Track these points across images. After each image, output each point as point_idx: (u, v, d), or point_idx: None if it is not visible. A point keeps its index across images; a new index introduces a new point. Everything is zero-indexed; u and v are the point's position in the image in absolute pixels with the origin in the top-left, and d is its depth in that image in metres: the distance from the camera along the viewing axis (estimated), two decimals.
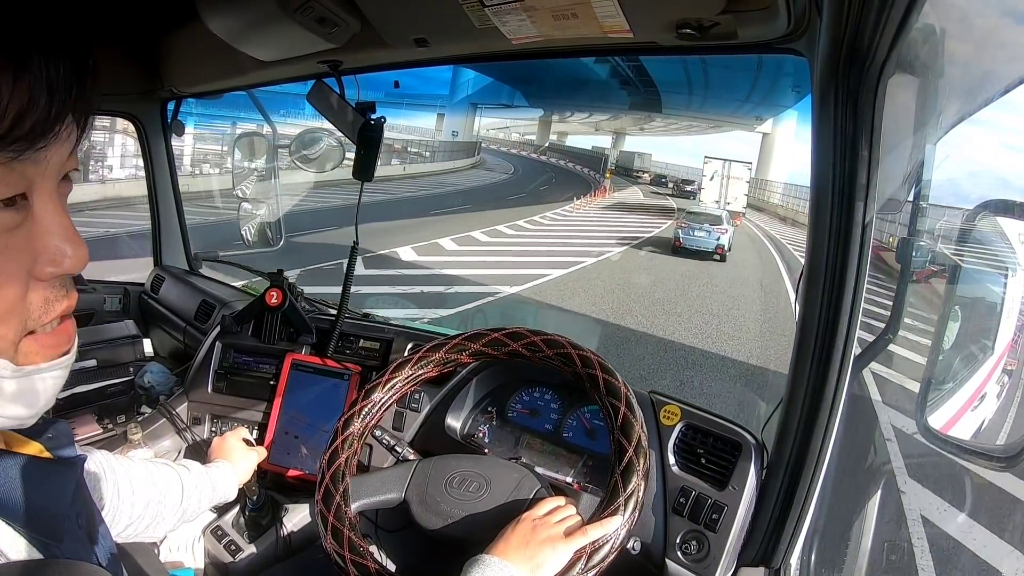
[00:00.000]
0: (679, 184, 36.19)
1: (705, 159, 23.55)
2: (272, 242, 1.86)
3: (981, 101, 0.75)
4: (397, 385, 0.95)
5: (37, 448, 0.44)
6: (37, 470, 0.41)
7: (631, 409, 0.82)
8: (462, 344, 0.94)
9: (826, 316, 0.75)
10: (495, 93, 41.43)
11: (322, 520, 0.83)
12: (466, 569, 0.70)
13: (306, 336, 1.35)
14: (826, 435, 0.78)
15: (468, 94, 41.55)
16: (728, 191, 21.95)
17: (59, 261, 0.36)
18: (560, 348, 0.89)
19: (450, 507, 0.84)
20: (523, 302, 7.46)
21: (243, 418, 1.34)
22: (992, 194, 3.86)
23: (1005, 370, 1.15)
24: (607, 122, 48.92)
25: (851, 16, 0.59)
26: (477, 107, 42.09)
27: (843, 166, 0.69)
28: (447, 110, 40.67)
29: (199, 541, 1.19)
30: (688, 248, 12.79)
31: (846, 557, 1.32)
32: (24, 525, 0.38)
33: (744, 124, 41.01)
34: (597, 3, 0.72)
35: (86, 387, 1.43)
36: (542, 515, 0.77)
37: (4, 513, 0.38)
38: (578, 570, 0.72)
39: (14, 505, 0.38)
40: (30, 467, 0.40)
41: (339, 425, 0.91)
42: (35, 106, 0.32)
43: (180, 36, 1.36)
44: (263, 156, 1.85)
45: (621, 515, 0.76)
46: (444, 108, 40.54)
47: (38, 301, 0.36)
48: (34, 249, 0.35)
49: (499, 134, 62.68)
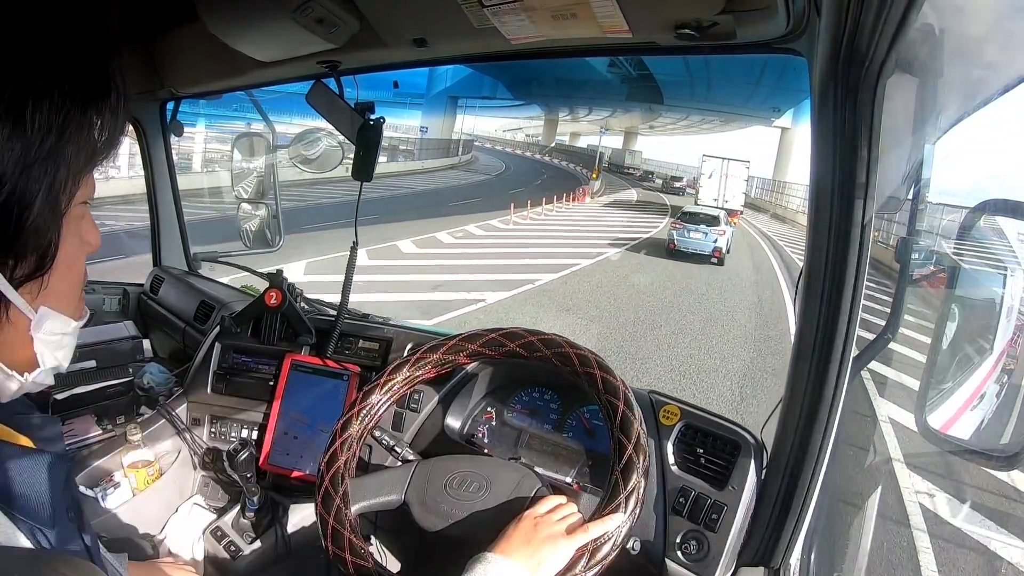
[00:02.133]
0: (667, 181, 37.11)
1: (704, 157, 23.69)
2: (271, 243, 1.85)
3: (980, 101, 0.74)
4: (395, 387, 0.95)
5: (25, 441, 0.46)
6: (30, 459, 0.44)
7: (630, 407, 0.82)
8: (459, 345, 0.94)
9: (825, 315, 0.75)
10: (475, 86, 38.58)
11: (321, 522, 0.83)
12: (469, 567, 0.70)
13: (305, 336, 1.35)
14: (825, 435, 0.78)
15: (446, 86, 37.75)
16: (726, 189, 22.06)
17: (95, 245, 0.50)
18: (558, 348, 0.89)
19: (450, 508, 0.84)
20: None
21: (242, 419, 1.34)
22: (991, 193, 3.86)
23: (1004, 369, 1.15)
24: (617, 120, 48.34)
25: (850, 16, 0.59)
26: (457, 102, 39.02)
27: (842, 165, 0.69)
28: (422, 105, 36.49)
29: (199, 541, 1.19)
30: (683, 251, 12.49)
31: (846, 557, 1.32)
32: (16, 510, 0.41)
33: (760, 118, 38.88)
34: (596, 3, 0.72)
35: (85, 388, 1.43)
36: (543, 513, 0.77)
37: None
38: (580, 568, 0.72)
39: (5, 490, 0.41)
40: (24, 456, 0.44)
41: (338, 427, 0.91)
42: (118, 131, 0.46)
43: (179, 36, 1.35)
44: (263, 156, 1.85)
45: (622, 512, 0.76)
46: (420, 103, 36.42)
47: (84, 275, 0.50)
48: (88, 237, 0.48)
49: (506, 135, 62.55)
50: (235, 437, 1.33)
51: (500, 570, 0.69)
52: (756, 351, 6.50)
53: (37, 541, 0.42)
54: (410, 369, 0.95)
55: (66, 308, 0.47)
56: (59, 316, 0.46)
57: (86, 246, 0.48)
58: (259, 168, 1.85)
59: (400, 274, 8.10)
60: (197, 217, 2.01)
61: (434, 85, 37.16)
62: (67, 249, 0.44)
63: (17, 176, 0.39)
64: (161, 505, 1.26)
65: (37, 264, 0.42)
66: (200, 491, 1.34)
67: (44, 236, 0.42)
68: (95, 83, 0.43)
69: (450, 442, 1.06)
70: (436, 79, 36.42)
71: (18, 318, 0.44)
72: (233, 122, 11.88)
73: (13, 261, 0.41)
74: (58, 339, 0.47)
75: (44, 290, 0.44)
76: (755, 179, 33.24)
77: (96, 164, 0.45)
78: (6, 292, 0.42)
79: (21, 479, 0.43)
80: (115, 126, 0.45)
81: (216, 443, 1.34)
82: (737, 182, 22.35)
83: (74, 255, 0.46)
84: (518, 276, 8.58)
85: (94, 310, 1.81)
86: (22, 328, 0.44)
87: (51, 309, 0.45)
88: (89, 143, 0.43)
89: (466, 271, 8.64)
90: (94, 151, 0.44)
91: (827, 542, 1.06)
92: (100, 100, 0.43)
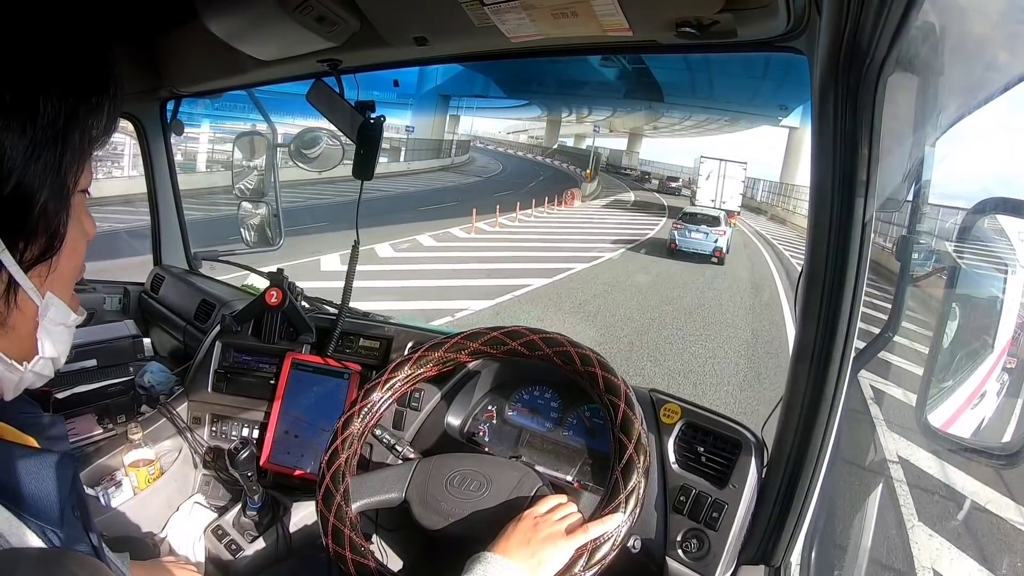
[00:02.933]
0: (664, 181, 37.85)
1: (701, 158, 23.95)
2: (272, 242, 1.85)
3: (981, 99, 0.74)
4: (397, 384, 0.95)
5: (30, 441, 0.47)
6: (38, 459, 0.45)
7: (631, 406, 0.82)
8: (461, 343, 0.94)
9: (826, 314, 0.75)
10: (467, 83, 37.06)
11: (322, 520, 0.83)
12: (468, 566, 0.70)
13: (306, 335, 1.35)
14: (826, 433, 0.78)
15: (436, 84, 36.42)
16: (724, 190, 22.21)
17: (91, 233, 0.51)
18: (559, 347, 0.89)
19: (451, 506, 0.84)
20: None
21: (243, 418, 1.34)
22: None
23: (1004, 368, 1.15)
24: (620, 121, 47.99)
25: (851, 14, 0.59)
26: (449, 101, 37.75)
27: (843, 164, 0.69)
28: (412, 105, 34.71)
29: (200, 540, 1.19)
30: (684, 251, 12.75)
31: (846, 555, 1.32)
32: (25, 511, 0.41)
33: (767, 116, 37.44)
34: (596, 2, 0.72)
35: (86, 387, 1.43)
36: (543, 512, 0.78)
37: (5, 498, 0.41)
38: (579, 567, 0.72)
39: (15, 491, 0.42)
40: (30, 456, 0.45)
41: (339, 425, 0.91)
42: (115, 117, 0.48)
43: (179, 35, 1.35)
44: (263, 156, 1.84)
45: (622, 512, 0.76)
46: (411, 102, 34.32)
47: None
48: (85, 225, 0.50)
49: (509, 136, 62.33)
50: (236, 436, 1.33)
51: (499, 569, 0.69)
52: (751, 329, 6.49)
53: (49, 540, 0.42)
54: (412, 367, 0.95)
55: (66, 296, 0.49)
56: (62, 305, 0.49)
57: (84, 235, 0.50)
58: (260, 167, 1.85)
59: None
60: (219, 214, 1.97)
61: (424, 83, 35.77)
62: (71, 233, 0.47)
63: (28, 160, 0.41)
64: (162, 504, 1.26)
65: (46, 245, 0.44)
66: (201, 490, 1.34)
67: (53, 218, 0.44)
68: (95, 74, 0.46)
69: (451, 440, 1.06)
70: (426, 77, 35.09)
71: (25, 304, 0.45)
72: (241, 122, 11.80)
73: (23, 243, 0.43)
74: (59, 331, 0.49)
75: (52, 273, 0.46)
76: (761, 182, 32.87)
77: (96, 148, 0.48)
78: (15, 275, 0.43)
79: (29, 479, 0.43)
80: (113, 112, 0.48)
81: (217, 442, 1.34)
82: (734, 183, 22.57)
83: (77, 241, 0.49)
84: (441, 304, 6.86)
85: (95, 309, 1.81)
86: (29, 315, 0.46)
87: (56, 296, 0.48)
88: (90, 128, 0.46)
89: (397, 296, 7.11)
90: (94, 136, 0.47)
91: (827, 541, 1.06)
92: (100, 89, 0.46)
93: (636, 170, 48.28)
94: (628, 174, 46.41)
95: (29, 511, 0.42)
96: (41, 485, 0.43)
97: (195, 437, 1.34)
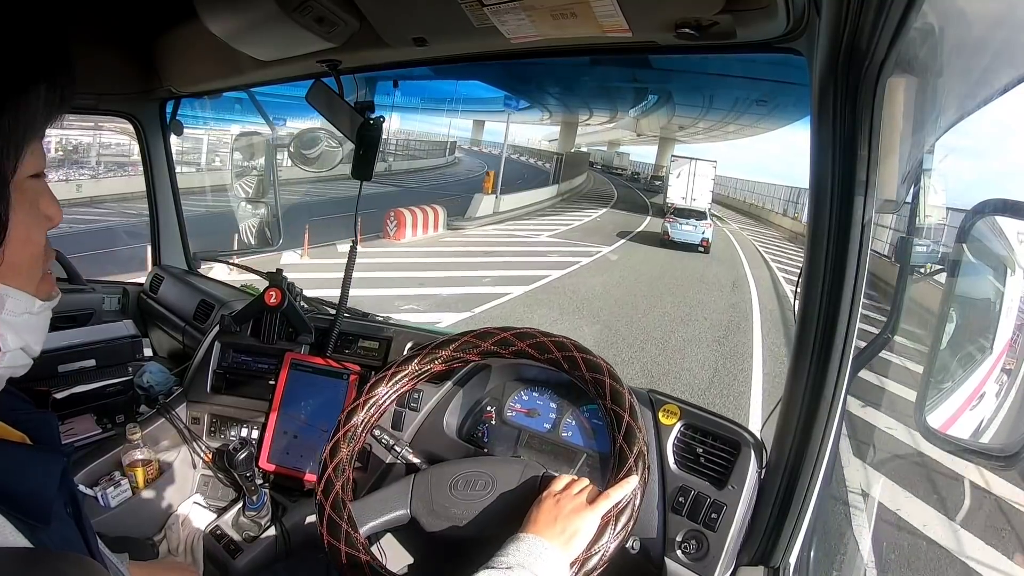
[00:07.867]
0: (648, 180, 40.14)
1: (672, 158, 24.79)
2: (272, 241, 1.85)
3: (980, 100, 0.74)
4: (403, 380, 0.94)
5: (20, 437, 0.46)
6: (24, 456, 0.44)
7: (632, 411, 0.82)
8: (471, 342, 0.94)
9: (825, 314, 0.75)
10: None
11: (319, 511, 0.82)
12: (503, 548, 0.70)
13: (305, 336, 1.35)
14: (825, 434, 0.78)
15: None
16: (694, 188, 22.46)
17: (55, 219, 0.50)
18: (567, 351, 0.89)
19: (461, 510, 0.84)
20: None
21: (242, 418, 1.34)
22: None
23: (1004, 369, 1.15)
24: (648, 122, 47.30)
25: (850, 15, 0.59)
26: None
27: (842, 165, 0.69)
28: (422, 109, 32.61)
29: (199, 540, 1.19)
30: (676, 241, 14.56)
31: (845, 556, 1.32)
32: (13, 508, 0.40)
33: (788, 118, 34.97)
34: (596, 2, 0.72)
35: (85, 387, 1.43)
36: (560, 490, 0.78)
37: None
38: (608, 536, 0.73)
39: (2, 487, 0.41)
40: (16, 453, 0.44)
41: (342, 417, 0.91)
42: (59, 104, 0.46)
43: (178, 36, 1.35)
44: (262, 156, 1.84)
45: (636, 474, 0.77)
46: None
47: (46, 251, 0.50)
48: (46, 211, 0.48)
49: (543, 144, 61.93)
50: (235, 436, 1.33)
51: (532, 545, 0.69)
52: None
53: (38, 540, 0.41)
54: (419, 364, 0.95)
55: (28, 286, 0.47)
56: (22, 294, 0.46)
57: (45, 221, 0.48)
58: (259, 167, 1.85)
59: None
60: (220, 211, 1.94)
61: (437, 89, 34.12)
62: (21, 221, 0.44)
63: None
64: (161, 504, 1.26)
65: None
66: (200, 490, 1.34)
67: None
68: (25, 59, 0.44)
69: (449, 442, 1.06)
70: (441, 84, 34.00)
71: None
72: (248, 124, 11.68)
73: None
74: (25, 320, 0.46)
75: (2, 265, 0.43)
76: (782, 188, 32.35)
77: (36, 136, 0.46)
78: None
79: (17, 477, 0.42)
80: (51, 98, 0.45)
81: (216, 442, 1.34)
82: (705, 181, 22.96)
83: (30, 229, 0.46)
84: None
85: (94, 309, 1.81)
86: None
87: (12, 287, 0.45)
88: (26, 115, 0.43)
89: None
90: (32, 122, 0.44)
91: (827, 542, 1.06)
92: (33, 75, 0.44)
93: (627, 169, 51.31)
94: (619, 174, 48.77)
95: (17, 509, 0.41)
96: (29, 482, 0.43)
97: (194, 437, 1.34)
